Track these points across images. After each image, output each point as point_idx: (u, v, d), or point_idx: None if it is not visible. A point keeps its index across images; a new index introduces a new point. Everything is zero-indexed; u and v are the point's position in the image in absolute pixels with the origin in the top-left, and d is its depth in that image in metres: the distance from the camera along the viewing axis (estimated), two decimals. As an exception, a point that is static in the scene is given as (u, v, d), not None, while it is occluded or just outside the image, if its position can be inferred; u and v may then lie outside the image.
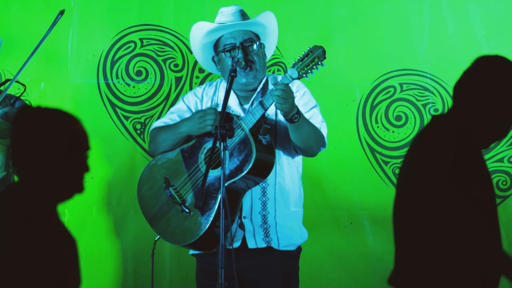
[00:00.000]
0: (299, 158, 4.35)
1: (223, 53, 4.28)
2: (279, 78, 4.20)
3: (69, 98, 5.40)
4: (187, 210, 4.16)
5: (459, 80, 3.15)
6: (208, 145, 4.18)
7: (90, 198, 5.36)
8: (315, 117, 4.26)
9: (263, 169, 4.14)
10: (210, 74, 5.29)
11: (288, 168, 4.30)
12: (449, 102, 5.08)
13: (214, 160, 4.08)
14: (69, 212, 5.35)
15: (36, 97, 5.39)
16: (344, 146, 5.31)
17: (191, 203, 4.15)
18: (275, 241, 4.24)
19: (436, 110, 5.23)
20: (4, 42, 5.03)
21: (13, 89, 4.91)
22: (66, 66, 5.44)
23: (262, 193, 4.25)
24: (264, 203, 4.26)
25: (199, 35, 4.33)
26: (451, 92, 3.59)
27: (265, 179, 4.20)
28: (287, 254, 4.27)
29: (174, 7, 5.45)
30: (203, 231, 4.09)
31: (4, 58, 5.31)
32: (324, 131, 4.26)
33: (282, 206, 4.27)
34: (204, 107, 4.36)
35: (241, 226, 4.23)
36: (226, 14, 4.32)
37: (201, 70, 5.40)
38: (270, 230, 4.24)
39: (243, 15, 4.33)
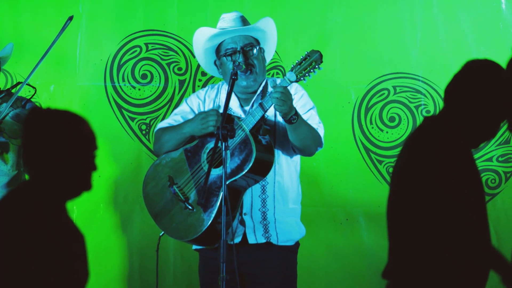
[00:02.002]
0: (297, 158, 4.34)
1: (224, 57, 4.27)
2: (278, 81, 4.20)
3: (77, 100, 5.40)
4: (190, 207, 4.16)
5: (450, 83, 3.15)
6: (210, 145, 4.17)
7: (97, 196, 5.36)
8: (312, 118, 4.26)
9: (262, 168, 4.13)
10: (212, 77, 5.29)
11: (286, 167, 4.29)
12: (441, 104, 5.08)
13: (216, 160, 4.08)
14: (78, 209, 5.35)
15: (46, 99, 5.39)
16: (340, 146, 5.31)
17: (194, 200, 4.15)
18: (274, 237, 4.23)
19: (428, 111, 5.23)
20: (15, 47, 5.03)
21: (24, 92, 4.91)
22: (75, 70, 5.44)
23: (262, 191, 4.25)
24: (263, 201, 4.25)
25: (202, 40, 4.33)
26: (442, 95, 3.59)
27: (265, 178, 4.20)
28: (285, 249, 4.27)
29: (178, 13, 5.45)
30: (206, 227, 4.09)
31: (15, 62, 5.30)
32: (321, 132, 4.25)
33: (280, 203, 4.27)
34: (206, 109, 4.35)
35: (242, 223, 4.22)
36: (227, 20, 4.32)
37: (203, 74, 5.39)
38: (270, 226, 4.24)
39: (244, 21, 4.32)
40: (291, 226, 4.29)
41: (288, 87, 4.08)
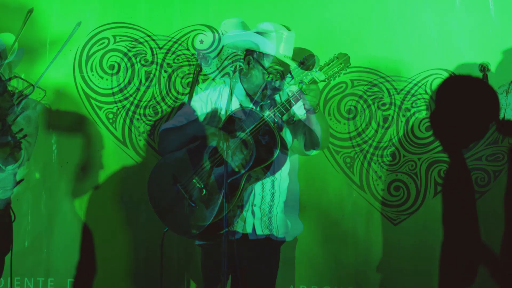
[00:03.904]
0: (295, 157, 4.36)
1: (226, 61, 4.28)
2: (277, 84, 4.21)
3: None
4: (193, 204, 4.16)
5: (440, 86, 3.16)
6: (213, 145, 4.18)
7: (104, 194, 5.36)
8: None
9: (262, 166, 4.15)
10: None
11: (286, 166, 4.31)
12: (432, 106, 5.08)
13: (218, 159, 4.09)
14: (85, 206, 5.34)
15: (55, 101, 5.38)
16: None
17: (196, 197, 4.16)
18: (275, 231, 4.26)
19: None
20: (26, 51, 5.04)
21: (35, 94, 4.91)
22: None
23: (262, 188, 4.27)
24: (264, 196, 4.27)
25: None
26: (434, 97, 3.60)
27: (265, 175, 4.21)
28: (284, 244, 4.29)
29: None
30: (208, 223, 4.10)
31: (26, 65, 5.30)
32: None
33: (281, 200, 4.29)
34: (208, 110, 4.37)
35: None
36: (228, 25, 4.33)
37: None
38: (273, 220, 4.26)
39: (244, 27, 4.34)
40: (290, 222, 4.31)
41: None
